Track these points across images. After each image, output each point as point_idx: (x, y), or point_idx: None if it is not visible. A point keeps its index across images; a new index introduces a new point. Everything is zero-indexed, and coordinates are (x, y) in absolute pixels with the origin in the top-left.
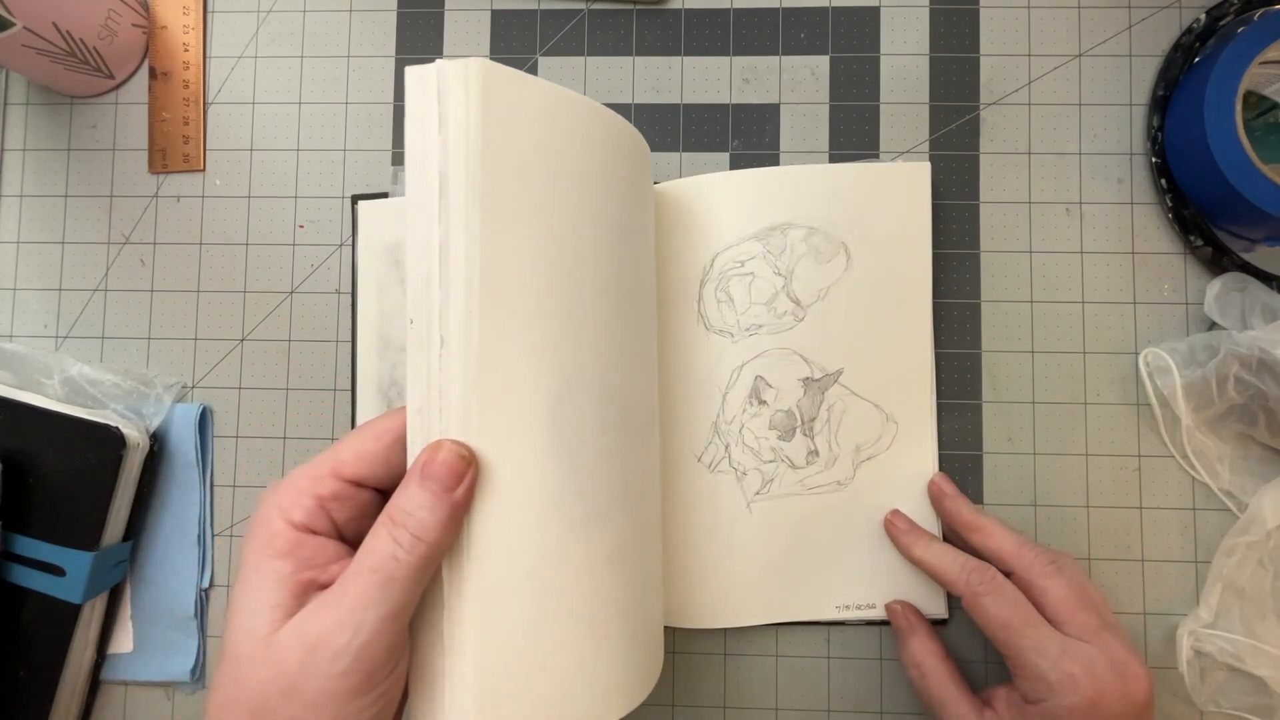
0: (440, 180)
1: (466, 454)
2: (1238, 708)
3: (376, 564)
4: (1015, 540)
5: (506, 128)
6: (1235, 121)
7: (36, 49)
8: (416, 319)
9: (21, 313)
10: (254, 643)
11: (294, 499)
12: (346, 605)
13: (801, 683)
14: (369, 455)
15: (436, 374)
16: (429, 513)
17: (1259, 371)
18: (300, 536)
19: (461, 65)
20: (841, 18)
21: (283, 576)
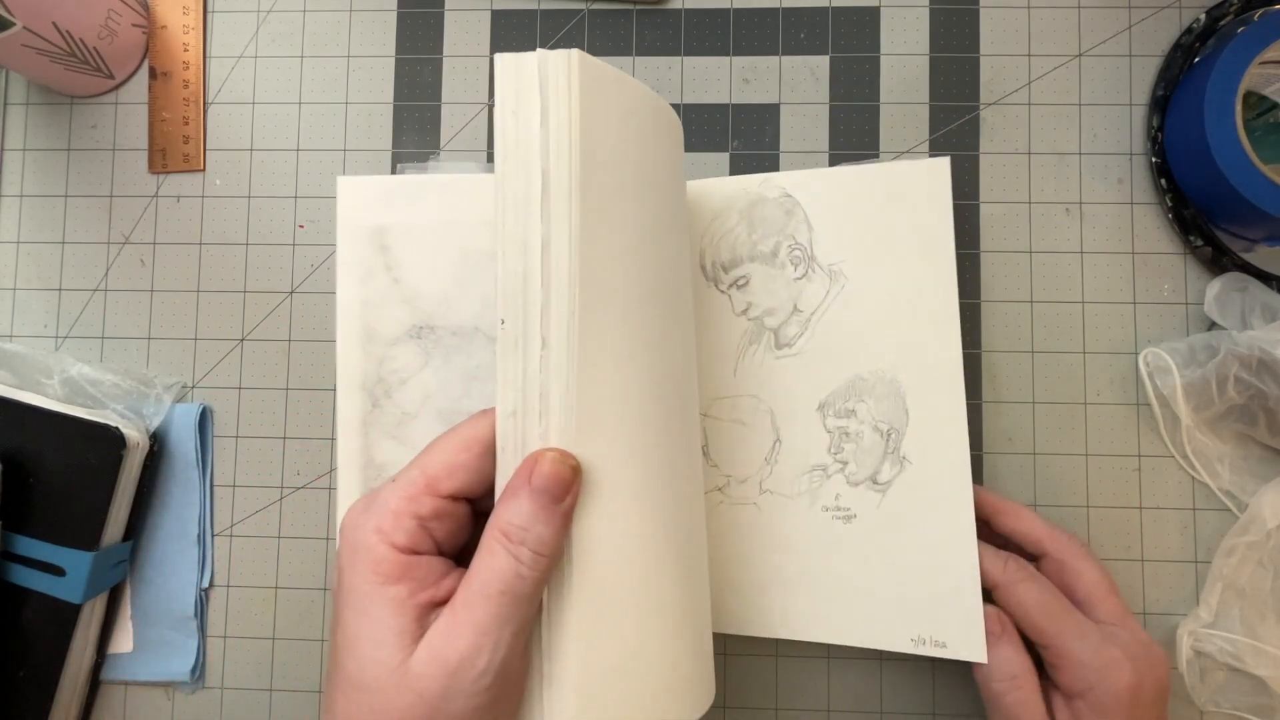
0: (543, 176)
1: (574, 463)
2: (1238, 708)
3: (504, 585)
4: (1046, 523)
5: (602, 123)
6: (1235, 121)
7: (36, 49)
8: (510, 319)
9: (21, 313)
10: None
11: (394, 521)
12: (479, 627)
13: (801, 683)
14: (461, 467)
15: (536, 376)
16: (545, 526)
17: (1259, 371)
18: (408, 559)
19: (564, 56)
20: (841, 18)
21: (401, 602)
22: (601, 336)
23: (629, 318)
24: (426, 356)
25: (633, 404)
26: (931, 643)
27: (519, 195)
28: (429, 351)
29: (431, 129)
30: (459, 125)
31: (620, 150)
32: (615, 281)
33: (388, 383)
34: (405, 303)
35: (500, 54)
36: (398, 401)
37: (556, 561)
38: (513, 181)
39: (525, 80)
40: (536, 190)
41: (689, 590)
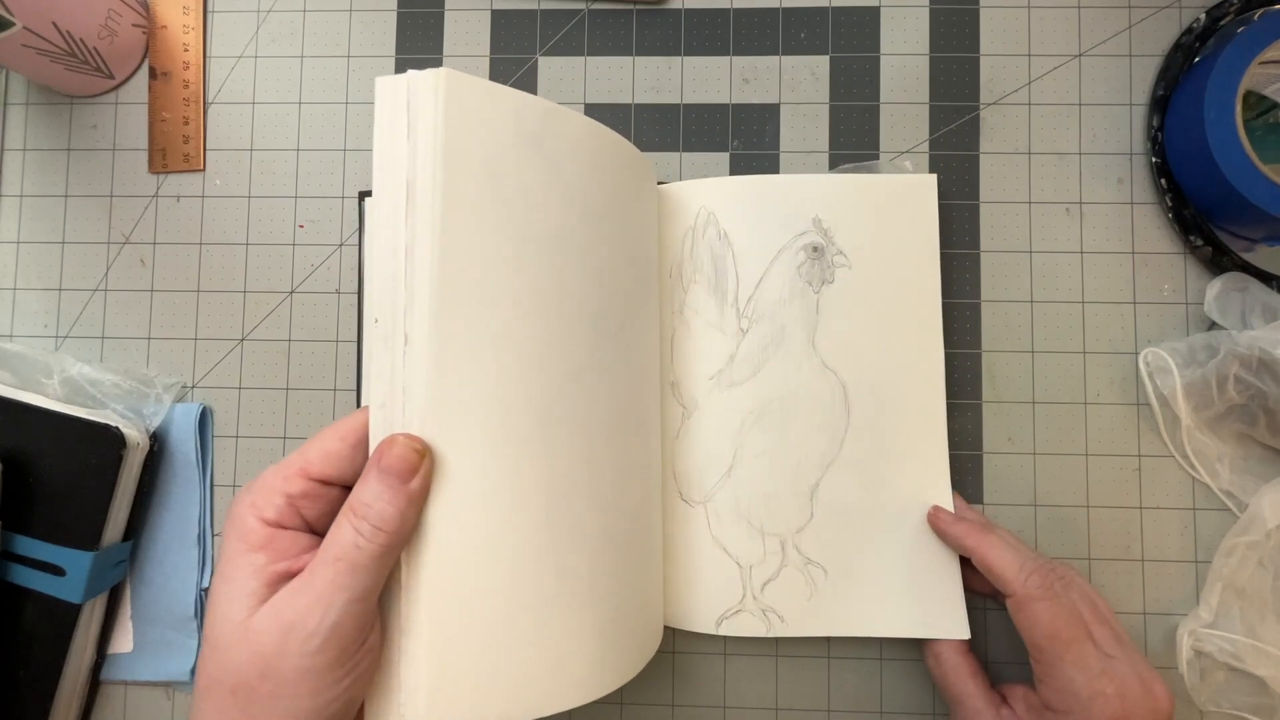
0: (407, 185)
1: (420, 447)
2: (1238, 708)
3: (341, 552)
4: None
5: (471, 135)
6: (1235, 121)
7: (36, 49)
8: (381, 318)
9: (21, 313)
10: (232, 628)
11: (266, 497)
12: (315, 591)
13: (801, 683)
14: (334, 455)
15: (400, 371)
16: (386, 504)
17: (1259, 371)
18: (273, 531)
19: (430, 75)
20: (841, 18)
21: (258, 567)
22: (465, 335)
23: (505, 321)
24: None
25: (503, 402)
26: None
27: (388, 204)
28: None
29: None
30: None
31: (496, 161)
32: (486, 284)
33: None
34: None
35: (379, 77)
36: None
37: (401, 539)
38: (383, 191)
39: (397, 98)
40: (401, 199)
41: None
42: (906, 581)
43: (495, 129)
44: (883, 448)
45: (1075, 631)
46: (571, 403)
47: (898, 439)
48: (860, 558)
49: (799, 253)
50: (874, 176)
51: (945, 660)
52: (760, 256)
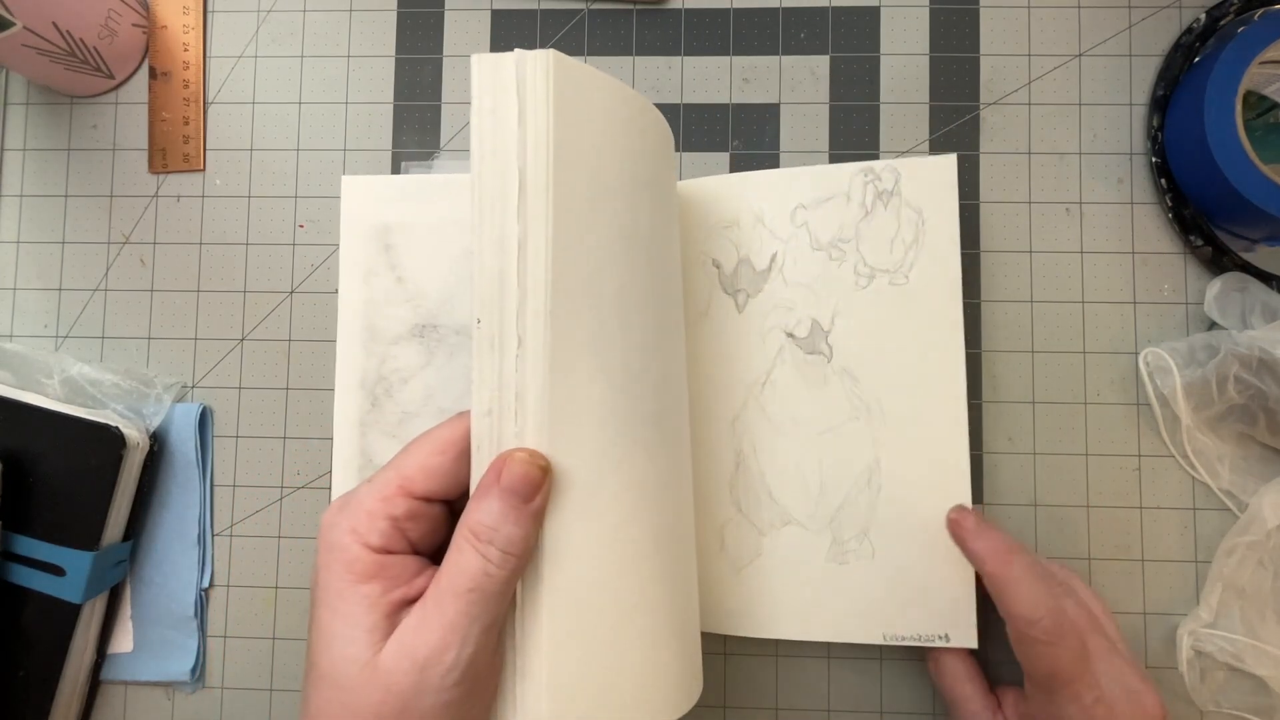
0: (520, 175)
1: (543, 463)
2: (1238, 708)
3: (472, 583)
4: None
5: (579, 123)
6: (1235, 121)
7: (36, 49)
8: (485, 318)
9: (21, 313)
10: (358, 668)
11: (368, 522)
12: (447, 623)
13: (801, 683)
14: (435, 470)
15: (511, 376)
16: (514, 526)
17: (1259, 371)
18: (381, 559)
19: (541, 57)
20: (841, 18)
21: (373, 600)
22: (577, 337)
23: (607, 319)
24: (429, 355)
25: (610, 405)
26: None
27: (495, 194)
28: (432, 350)
29: (431, 129)
30: (459, 125)
31: (598, 150)
32: (592, 282)
33: (389, 381)
34: (408, 301)
35: (476, 54)
36: (399, 401)
37: (527, 560)
38: (489, 181)
39: (502, 80)
40: (513, 189)
41: (670, 591)
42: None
43: (597, 117)
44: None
45: (1076, 670)
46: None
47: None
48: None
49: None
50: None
51: (944, 663)
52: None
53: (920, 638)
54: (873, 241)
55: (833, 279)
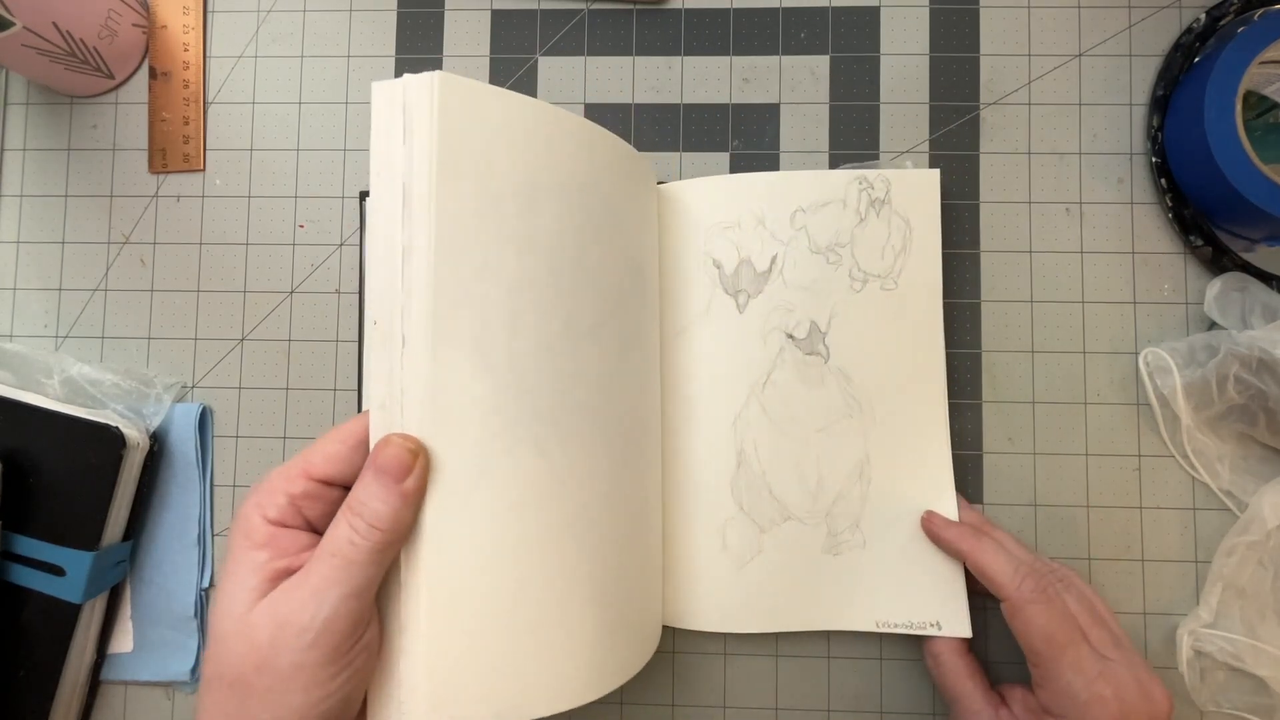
0: (404, 188)
1: (415, 447)
2: (1238, 708)
3: (336, 549)
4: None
5: (466, 137)
6: (1235, 121)
7: (36, 49)
8: (380, 319)
9: (21, 313)
10: (231, 622)
11: (269, 497)
12: (310, 586)
13: (801, 683)
14: (336, 456)
15: (398, 372)
16: (381, 502)
17: (1259, 371)
18: (275, 530)
19: (425, 79)
20: (841, 18)
21: (259, 564)
22: (460, 337)
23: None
24: None
25: (494, 401)
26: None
27: (384, 206)
28: None
29: None
30: None
31: (487, 162)
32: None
33: None
34: None
35: (375, 82)
36: None
37: (396, 537)
38: (380, 193)
39: (393, 102)
40: (397, 202)
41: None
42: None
43: (490, 131)
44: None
45: (1070, 634)
46: (570, 404)
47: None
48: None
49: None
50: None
51: (944, 660)
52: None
53: (912, 625)
54: (866, 247)
55: (830, 282)
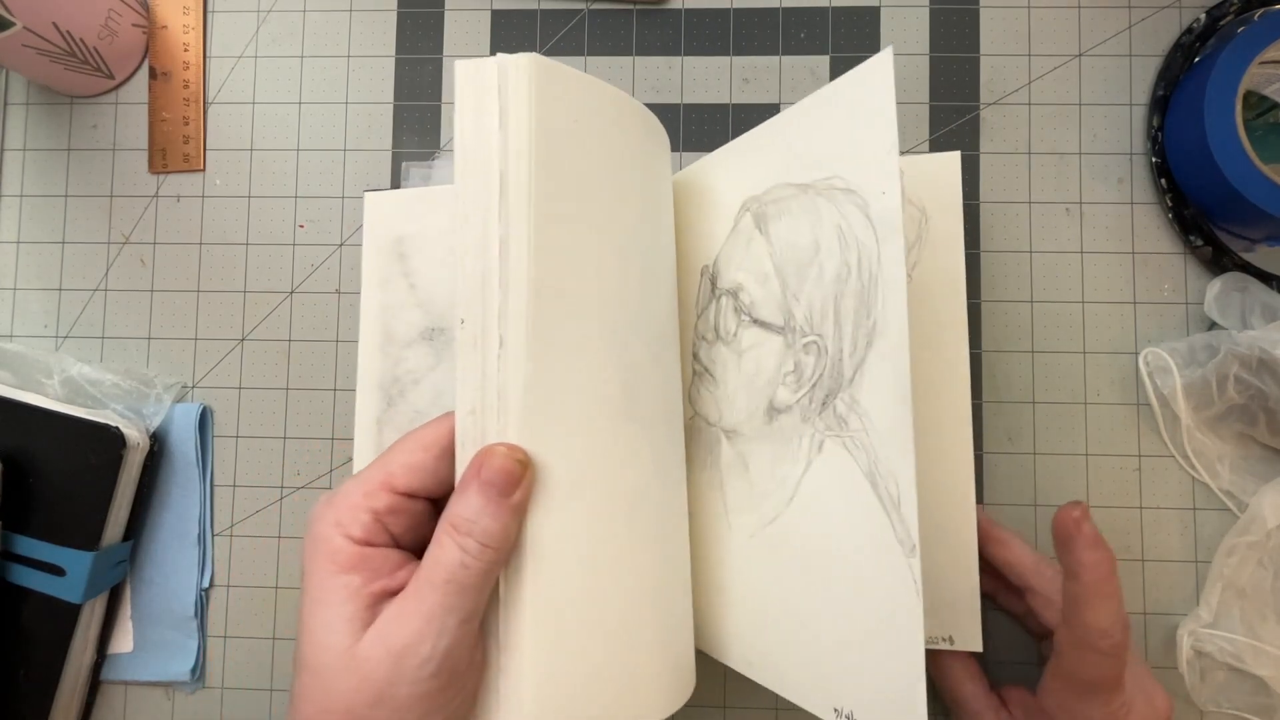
0: (501, 179)
1: (522, 457)
2: (1238, 708)
3: (449, 574)
4: (1034, 556)
5: (560, 125)
6: (1235, 121)
7: (36, 49)
8: (469, 319)
9: (21, 313)
10: (335, 655)
11: (351, 515)
12: (425, 614)
13: None
14: (419, 466)
15: (494, 376)
16: (492, 519)
17: (1259, 371)
18: (363, 550)
19: (523, 60)
20: (841, 18)
21: (353, 590)
22: (559, 336)
23: (591, 318)
24: (437, 357)
25: (594, 404)
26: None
27: (477, 197)
28: (439, 352)
29: (431, 129)
30: None
31: (582, 151)
32: (576, 281)
33: (402, 383)
34: (419, 306)
35: (460, 60)
36: (411, 401)
37: (506, 554)
38: (471, 184)
39: (484, 84)
40: (495, 192)
41: (659, 589)
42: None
43: (581, 118)
44: None
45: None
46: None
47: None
48: None
49: None
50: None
51: (945, 664)
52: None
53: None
54: None
55: None
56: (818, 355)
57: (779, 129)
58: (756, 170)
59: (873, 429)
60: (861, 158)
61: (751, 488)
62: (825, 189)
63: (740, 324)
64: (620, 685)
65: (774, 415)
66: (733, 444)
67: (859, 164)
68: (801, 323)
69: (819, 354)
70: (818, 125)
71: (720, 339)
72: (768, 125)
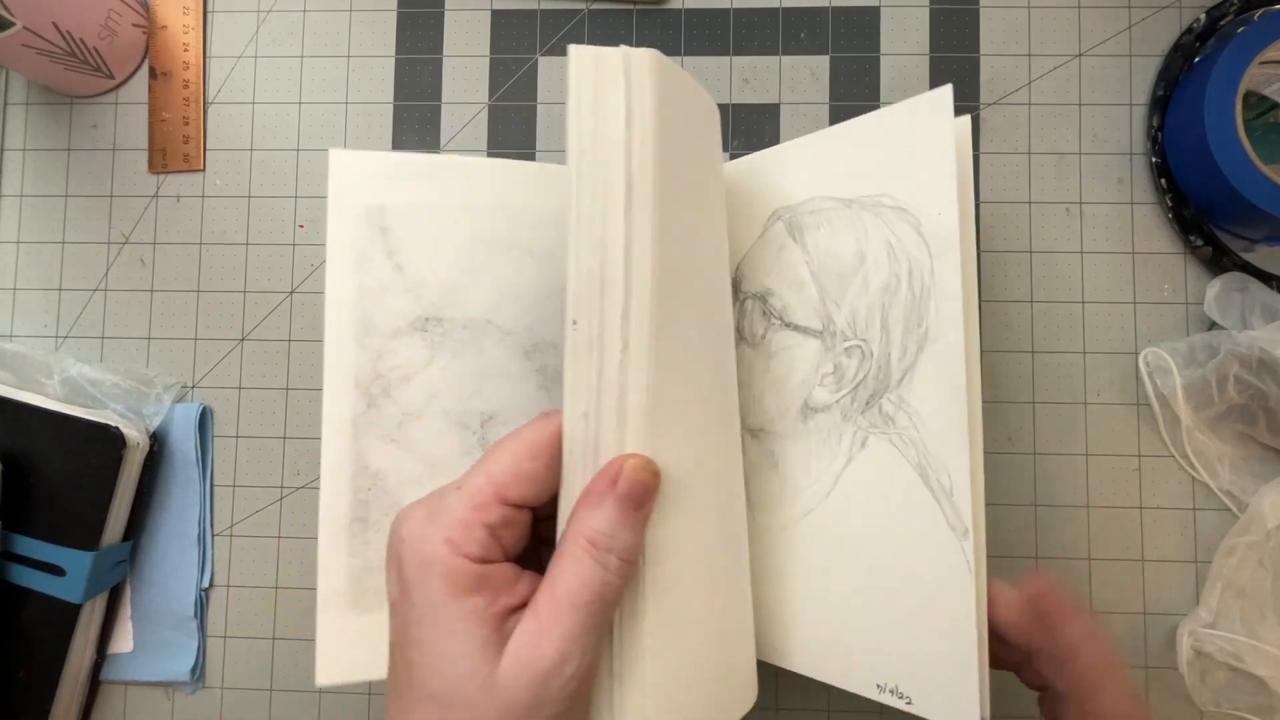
0: (626, 178)
1: (655, 469)
2: (1238, 708)
3: (593, 594)
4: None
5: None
6: (1235, 121)
7: (36, 49)
8: (583, 320)
9: (21, 313)
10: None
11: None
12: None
13: (802, 683)
14: (530, 476)
15: (613, 380)
16: (630, 533)
17: (1259, 371)
18: (483, 569)
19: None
20: (841, 18)
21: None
22: (674, 340)
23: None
24: (433, 351)
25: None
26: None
27: (596, 194)
28: (435, 346)
29: (431, 129)
30: (459, 125)
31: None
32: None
33: (387, 379)
34: (408, 291)
35: (576, 46)
36: (398, 401)
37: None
38: (589, 180)
39: (606, 75)
40: (619, 191)
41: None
42: None
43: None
44: None
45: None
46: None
47: None
48: None
49: None
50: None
51: None
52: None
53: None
54: None
55: None
56: (861, 358)
57: (815, 145)
58: (788, 181)
59: (923, 426)
60: (916, 179)
61: (782, 483)
62: (873, 205)
63: (770, 327)
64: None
65: (809, 414)
66: (759, 442)
67: (913, 185)
68: (843, 327)
69: (863, 357)
70: (865, 146)
71: (745, 340)
72: (801, 141)
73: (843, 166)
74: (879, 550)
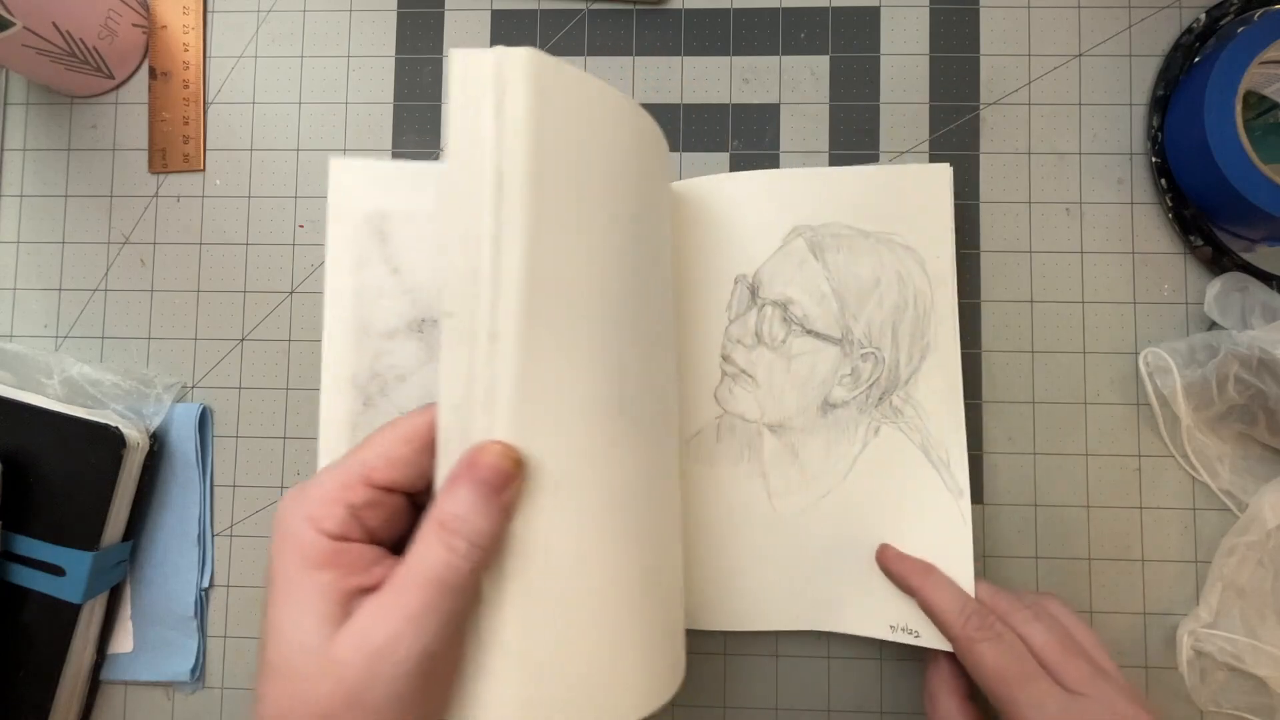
0: (496, 170)
1: (516, 456)
2: (1238, 708)
3: (436, 574)
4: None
5: (557, 121)
6: (1235, 121)
7: (36, 49)
8: (458, 312)
9: (21, 313)
10: (309, 656)
11: (325, 508)
12: (406, 614)
13: (801, 683)
14: (400, 460)
15: (483, 369)
16: (484, 518)
17: (1259, 371)
18: (337, 546)
19: (522, 54)
20: (841, 18)
21: (325, 587)
22: (553, 333)
23: (584, 316)
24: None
25: (586, 402)
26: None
27: (468, 189)
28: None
29: (431, 129)
30: None
31: (580, 148)
32: (571, 279)
33: (383, 379)
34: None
35: (455, 49)
36: (395, 400)
37: (493, 554)
38: (461, 175)
39: (480, 75)
40: (487, 185)
41: (648, 586)
42: None
43: (579, 115)
44: None
45: (1024, 668)
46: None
47: None
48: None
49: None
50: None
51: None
52: None
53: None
54: None
55: None
56: (875, 363)
57: (831, 178)
58: (806, 204)
59: (925, 415)
60: (919, 226)
61: (802, 471)
62: (886, 239)
63: (791, 332)
64: (605, 684)
65: (828, 409)
66: (779, 437)
67: (917, 231)
68: (860, 337)
69: (876, 362)
70: (879, 191)
71: (764, 344)
72: (820, 171)
73: (858, 201)
74: (890, 515)
